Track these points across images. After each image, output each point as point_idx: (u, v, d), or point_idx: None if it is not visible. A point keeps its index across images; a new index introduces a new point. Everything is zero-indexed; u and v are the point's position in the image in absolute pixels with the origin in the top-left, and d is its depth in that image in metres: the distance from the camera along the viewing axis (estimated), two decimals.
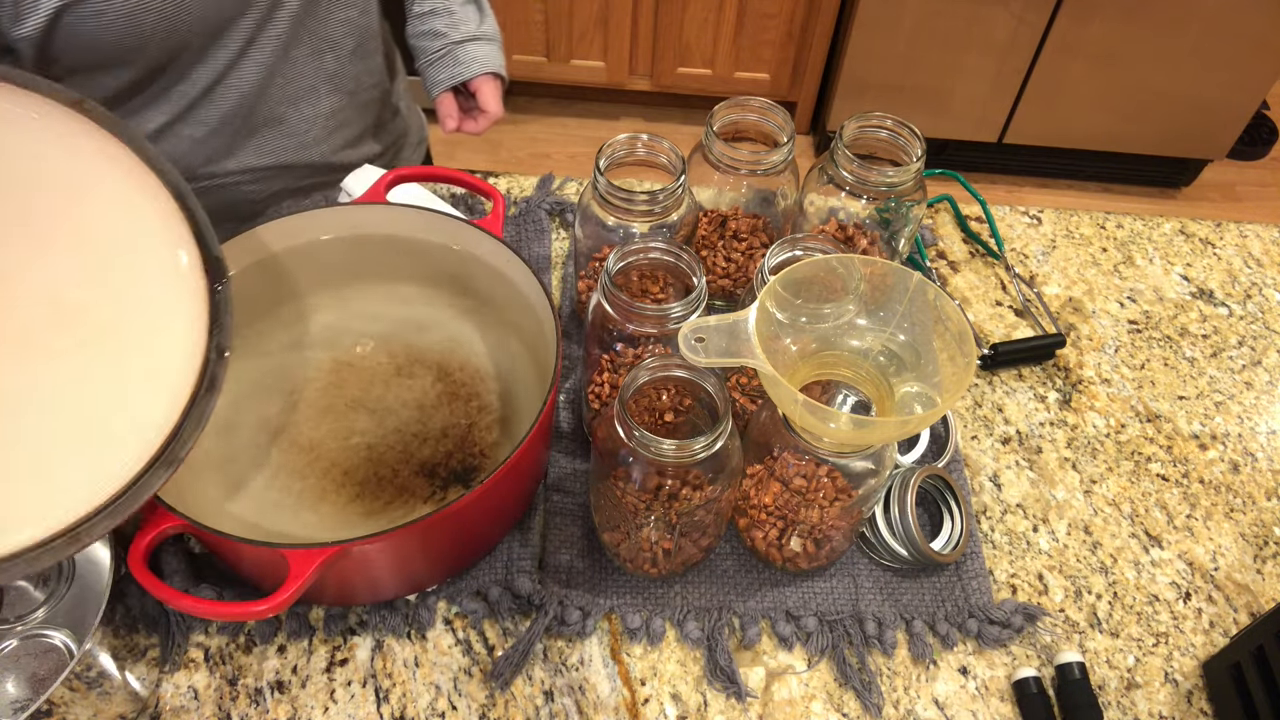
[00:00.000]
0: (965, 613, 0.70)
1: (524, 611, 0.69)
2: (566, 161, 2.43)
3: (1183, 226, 1.02)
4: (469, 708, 0.65)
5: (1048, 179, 2.51)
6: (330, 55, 0.90)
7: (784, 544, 0.69)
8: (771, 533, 0.68)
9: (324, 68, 0.90)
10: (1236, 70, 2.15)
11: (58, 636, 0.65)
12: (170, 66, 0.80)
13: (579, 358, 0.82)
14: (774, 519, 0.68)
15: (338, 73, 0.92)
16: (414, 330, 0.80)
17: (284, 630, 0.68)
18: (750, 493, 0.69)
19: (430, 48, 0.99)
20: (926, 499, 0.76)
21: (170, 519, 0.56)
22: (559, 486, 0.75)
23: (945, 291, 0.82)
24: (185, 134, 0.86)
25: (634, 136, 0.74)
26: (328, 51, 0.90)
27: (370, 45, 0.95)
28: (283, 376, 0.76)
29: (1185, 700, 0.69)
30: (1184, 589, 0.74)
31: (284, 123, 0.91)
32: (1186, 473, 0.82)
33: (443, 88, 1.00)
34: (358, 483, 0.70)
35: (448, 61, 0.99)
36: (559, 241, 0.94)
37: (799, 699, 0.67)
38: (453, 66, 0.99)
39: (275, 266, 0.76)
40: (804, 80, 2.34)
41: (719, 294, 0.85)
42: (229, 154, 0.90)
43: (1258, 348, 0.92)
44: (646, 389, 0.66)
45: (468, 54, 0.99)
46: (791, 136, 0.76)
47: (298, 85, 0.89)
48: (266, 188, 0.95)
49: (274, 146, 0.92)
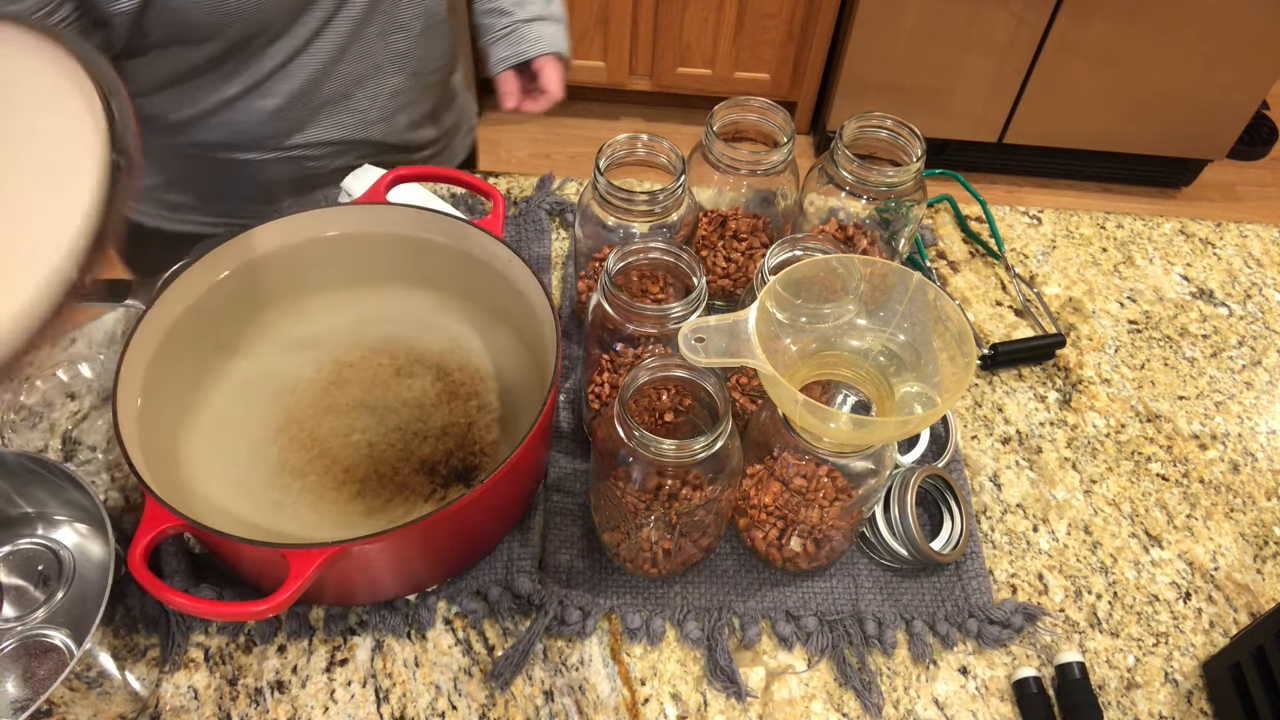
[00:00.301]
0: (965, 613, 0.70)
1: (524, 611, 0.69)
2: (566, 161, 2.43)
3: (1183, 226, 1.03)
4: (469, 708, 0.65)
5: (1048, 179, 2.51)
6: (399, 35, 0.92)
7: (784, 544, 0.69)
8: (771, 533, 0.68)
9: (391, 47, 0.92)
10: (1236, 70, 2.15)
11: (58, 636, 0.65)
12: (251, 43, 0.82)
13: (579, 358, 0.82)
14: (774, 519, 0.68)
15: (405, 53, 0.93)
16: (414, 330, 0.80)
17: (284, 630, 0.68)
18: (750, 493, 0.69)
19: (495, 25, 1.01)
20: (926, 499, 0.76)
21: (170, 519, 0.56)
22: (559, 486, 0.75)
23: (945, 291, 0.82)
24: (256, 106, 0.88)
25: (634, 136, 0.74)
26: (396, 32, 0.91)
27: (438, 28, 0.96)
28: (283, 376, 0.76)
29: (1185, 700, 0.69)
30: (1184, 589, 0.74)
31: (350, 99, 0.93)
32: (1186, 473, 0.82)
33: (505, 65, 1.01)
34: (358, 480, 0.70)
35: (512, 39, 1.00)
36: (559, 241, 0.94)
37: (799, 699, 0.67)
38: (517, 44, 1.00)
39: (275, 266, 0.76)
40: (804, 80, 2.35)
41: (719, 294, 0.85)
42: (297, 128, 0.92)
43: (1258, 348, 0.92)
44: (646, 389, 0.66)
45: (532, 33, 1.00)
46: (791, 136, 0.76)
47: (366, 64, 0.91)
48: (330, 163, 0.97)
49: (338, 123, 0.94)
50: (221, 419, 0.73)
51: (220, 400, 0.74)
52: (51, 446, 0.76)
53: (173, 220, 1.01)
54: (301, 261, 0.77)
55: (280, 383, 0.76)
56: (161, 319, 0.69)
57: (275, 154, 0.93)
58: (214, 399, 0.74)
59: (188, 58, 0.82)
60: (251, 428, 0.73)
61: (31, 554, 0.69)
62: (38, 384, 0.77)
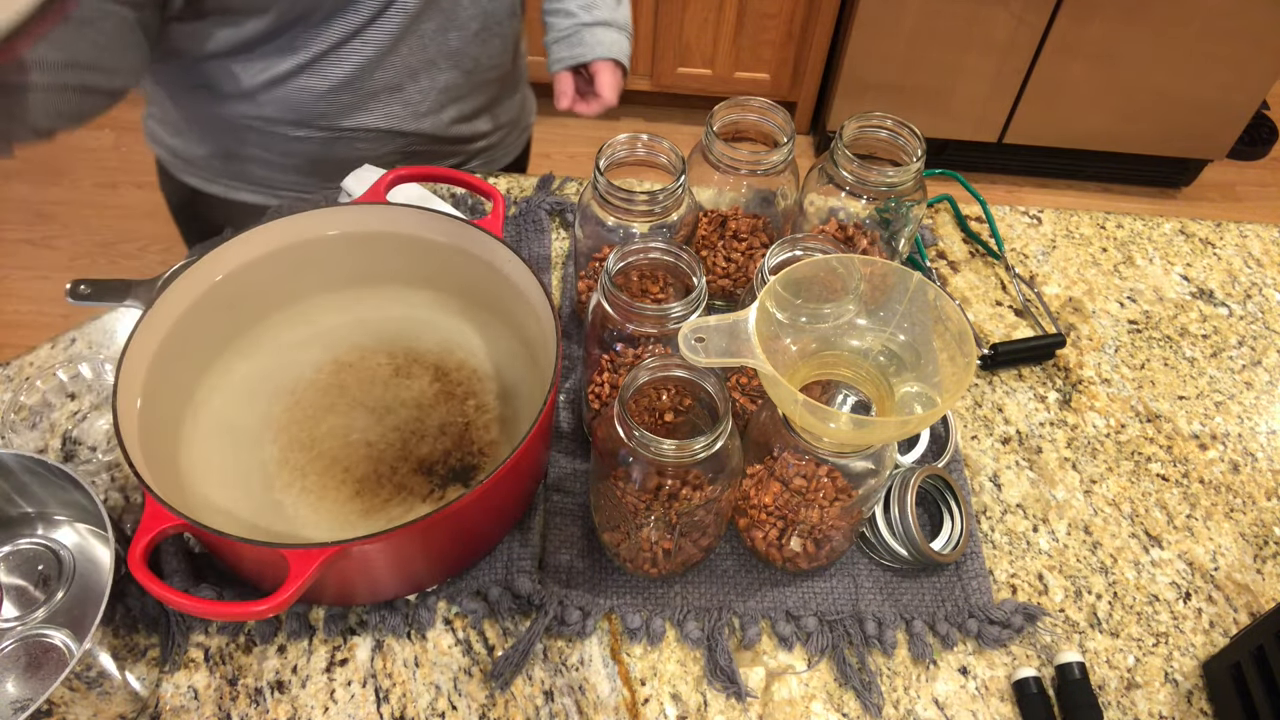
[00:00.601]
0: (965, 613, 0.70)
1: (524, 611, 0.69)
2: (566, 161, 2.43)
3: (1183, 226, 1.03)
4: (469, 708, 0.65)
5: (1048, 179, 2.51)
6: (455, 34, 0.93)
7: (784, 544, 0.69)
8: (772, 533, 0.68)
9: (446, 44, 0.93)
10: (1236, 70, 2.15)
11: (58, 636, 0.65)
12: (301, 21, 0.84)
13: (579, 358, 0.82)
14: (774, 519, 0.68)
15: (459, 51, 0.94)
16: (414, 330, 0.80)
17: (284, 630, 0.68)
18: (750, 493, 0.69)
19: (559, 25, 1.02)
20: (926, 499, 0.76)
21: (170, 519, 0.56)
22: (559, 486, 0.75)
23: (945, 291, 0.82)
24: (306, 85, 0.89)
25: (634, 136, 0.74)
26: (453, 29, 0.92)
27: (495, 29, 0.97)
28: (283, 376, 0.76)
29: (1185, 700, 0.69)
30: (1184, 589, 0.74)
31: (401, 91, 0.94)
32: (1186, 473, 0.82)
33: (562, 66, 1.02)
34: (357, 479, 0.70)
35: (573, 41, 1.01)
36: (559, 241, 0.94)
37: (799, 699, 0.67)
38: (576, 46, 1.01)
39: (275, 266, 0.76)
40: (804, 80, 2.35)
41: (719, 294, 0.85)
42: (346, 112, 0.93)
43: (1258, 348, 0.92)
44: (646, 389, 0.66)
45: (594, 36, 1.01)
46: (791, 136, 0.76)
47: (419, 58, 0.92)
48: (379, 148, 0.98)
49: (388, 112, 0.95)
50: (221, 419, 0.73)
51: (220, 400, 0.74)
52: (51, 446, 0.76)
53: (230, 188, 1.03)
54: (301, 261, 0.77)
55: (280, 383, 0.76)
56: (161, 319, 0.69)
57: (325, 133, 0.94)
58: (214, 399, 0.74)
59: (241, 30, 0.83)
60: (251, 428, 0.73)
61: (31, 554, 0.69)
62: (38, 384, 0.77)
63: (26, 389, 0.77)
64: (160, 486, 0.59)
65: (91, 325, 0.84)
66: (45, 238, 2.16)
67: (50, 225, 2.18)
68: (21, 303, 2.04)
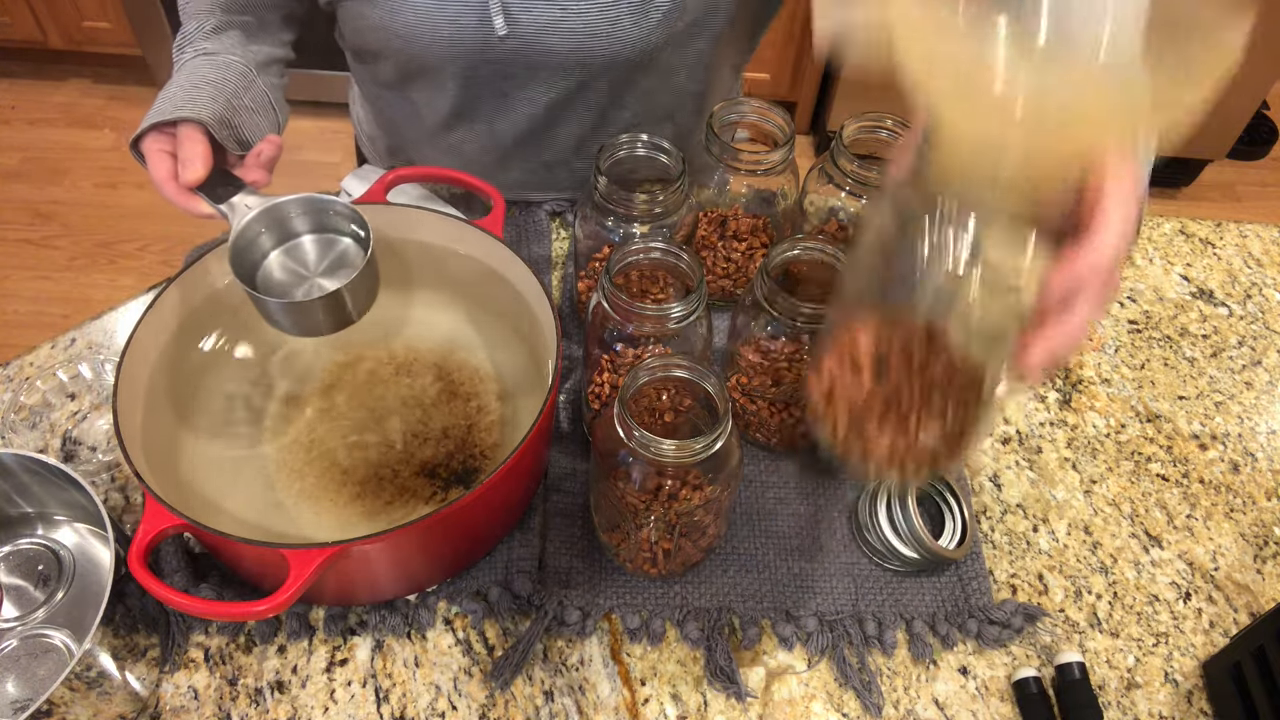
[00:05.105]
0: (965, 613, 0.70)
1: (524, 611, 0.69)
2: None
3: (1183, 226, 1.03)
4: (469, 708, 0.65)
5: None
6: (633, 113, 0.92)
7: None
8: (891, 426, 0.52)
9: (624, 124, 0.93)
10: (1236, 70, 2.15)
11: (58, 636, 0.65)
12: (419, 76, 0.86)
13: (579, 358, 0.82)
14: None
15: (631, 125, 0.93)
16: (414, 330, 0.80)
17: (284, 630, 0.68)
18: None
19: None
20: (926, 499, 0.76)
21: (170, 519, 0.56)
22: (559, 486, 0.75)
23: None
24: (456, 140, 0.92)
25: (634, 136, 0.74)
26: (638, 116, 0.92)
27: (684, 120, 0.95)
28: (283, 377, 0.76)
29: (1185, 700, 0.69)
30: (1184, 589, 0.74)
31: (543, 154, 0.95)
32: (1186, 473, 0.82)
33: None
34: (358, 482, 0.70)
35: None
36: (559, 241, 0.94)
37: (799, 699, 0.67)
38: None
39: None
40: (804, 80, 2.34)
41: (719, 294, 0.85)
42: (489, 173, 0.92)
43: (1258, 348, 0.92)
44: (646, 389, 0.66)
45: None
46: (791, 136, 0.76)
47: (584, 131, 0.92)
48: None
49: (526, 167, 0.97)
50: (222, 419, 0.73)
51: (220, 401, 0.74)
52: (51, 446, 0.76)
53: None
54: None
55: (280, 384, 0.76)
56: (162, 320, 0.69)
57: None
58: (214, 400, 0.74)
59: (376, 69, 0.88)
60: (252, 428, 0.73)
61: (31, 554, 0.69)
62: (38, 384, 0.77)
63: (26, 389, 0.77)
64: (160, 486, 0.59)
65: (91, 325, 0.84)
66: (45, 238, 2.16)
67: (50, 225, 2.18)
68: (21, 303, 2.04)
